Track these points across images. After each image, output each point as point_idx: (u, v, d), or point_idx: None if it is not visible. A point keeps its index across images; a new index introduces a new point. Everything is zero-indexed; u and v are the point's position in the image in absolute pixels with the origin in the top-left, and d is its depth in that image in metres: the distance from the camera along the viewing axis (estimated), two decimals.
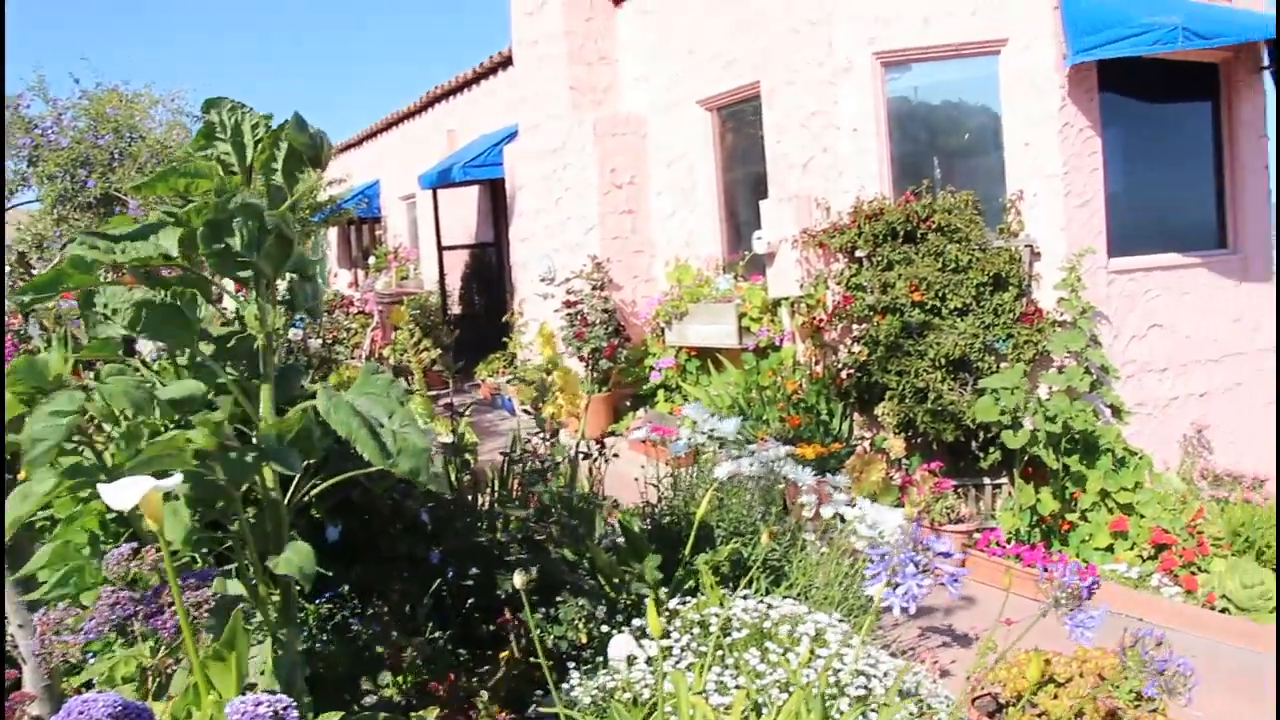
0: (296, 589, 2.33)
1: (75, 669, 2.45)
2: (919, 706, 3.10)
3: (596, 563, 3.68)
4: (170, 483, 1.87)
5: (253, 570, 2.26)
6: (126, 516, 2.19)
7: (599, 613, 3.40)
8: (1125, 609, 5.11)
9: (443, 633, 3.25)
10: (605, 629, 3.34)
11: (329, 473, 2.41)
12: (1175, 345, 7.52)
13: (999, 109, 7.17)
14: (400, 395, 2.31)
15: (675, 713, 2.52)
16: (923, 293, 6.63)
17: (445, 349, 11.42)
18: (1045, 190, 6.95)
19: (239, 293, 2.48)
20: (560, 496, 3.94)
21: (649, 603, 2.42)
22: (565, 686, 3.01)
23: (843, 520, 4.07)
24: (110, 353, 2.21)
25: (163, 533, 1.89)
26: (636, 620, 3.37)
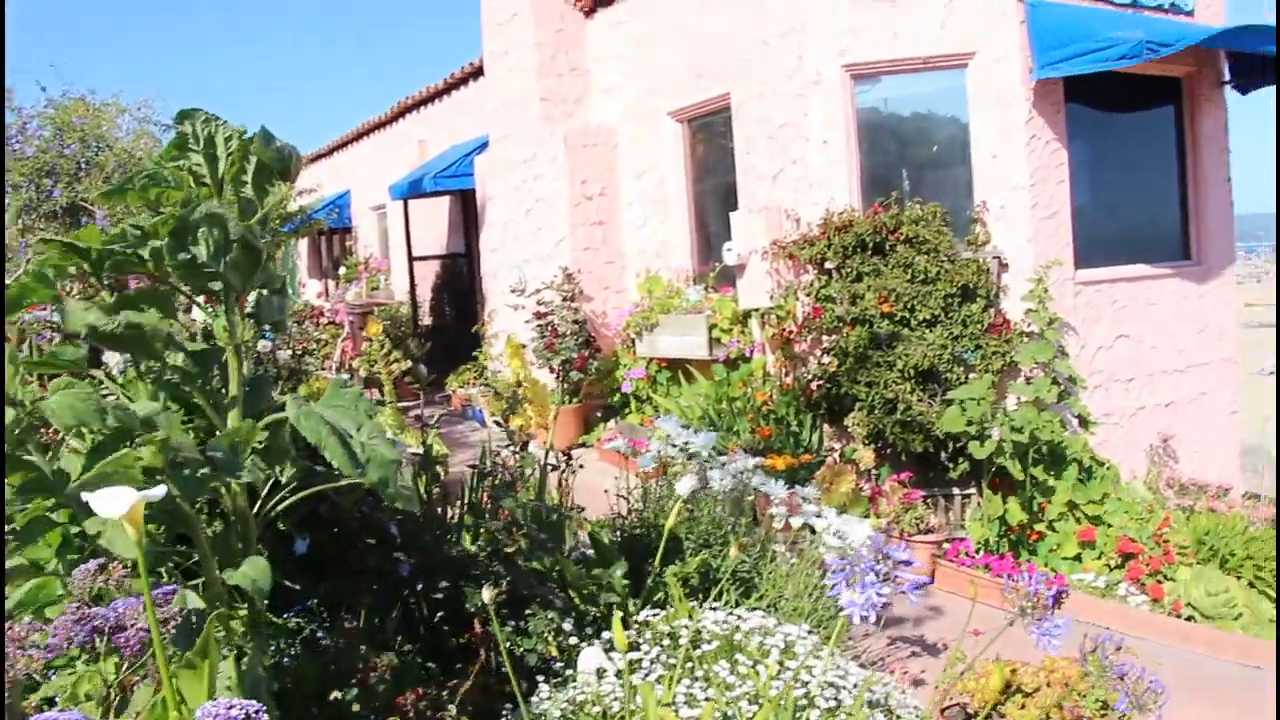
0: (264, 603, 2.31)
1: (34, 686, 2.41)
2: (888, 717, 3.10)
3: (566, 575, 3.67)
4: (155, 493, 1.84)
5: (216, 584, 2.24)
6: (85, 532, 2.16)
7: (568, 625, 3.39)
8: (1093, 618, 5.14)
9: (412, 646, 3.23)
10: (575, 641, 3.33)
11: (299, 486, 2.40)
12: (1141, 355, 7.60)
13: (967, 121, 7.22)
14: (369, 408, 2.30)
15: None
16: (892, 304, 6.67)
17: (416, 360, 11.38)
18: (1013, 202, 7.00)
19: (208, 305, 2.46)
20: (530, 509, 3.92)
21: (615, 617, 2.42)
22: (535, 700, 2.99)
23: (813, 531, 4.07)
24: (70, 365, 2.18)
25: (140, 545, 1.87)
26: (606, 633, 3.35)
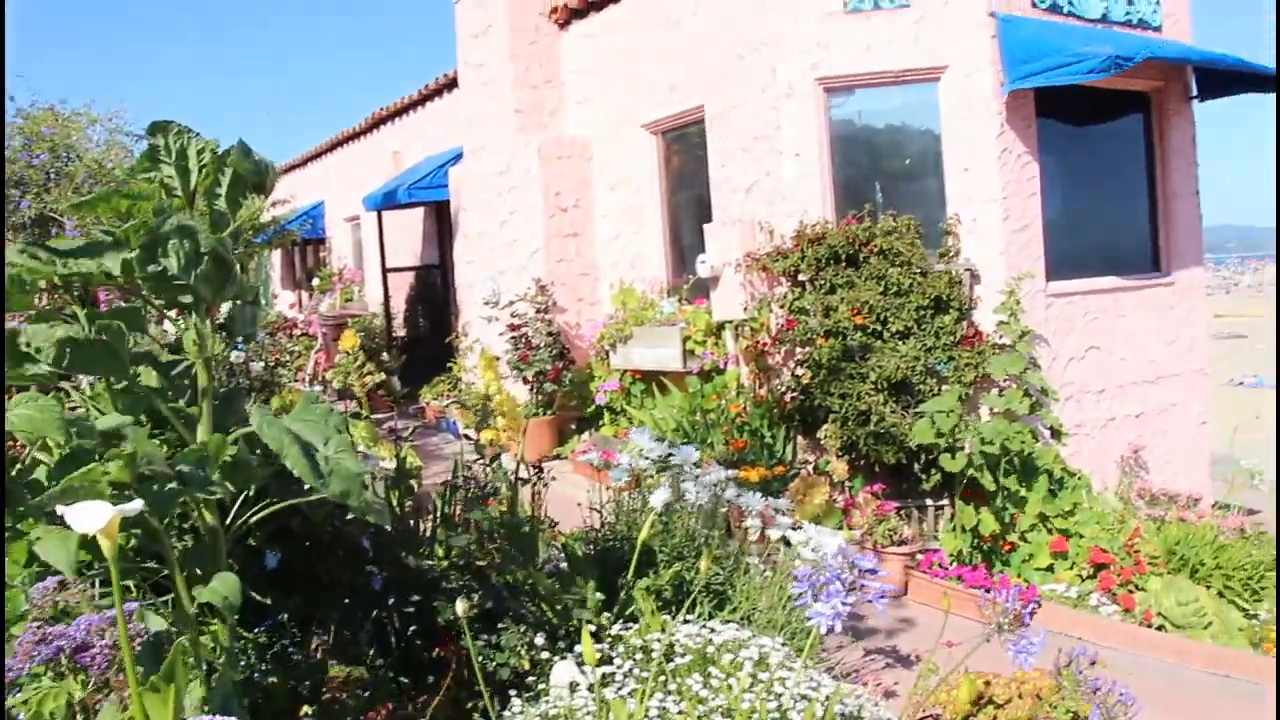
0: (235, 618, 2.29)
1: None
2: None
3: (538, 588, 3.66)
4: (132, 507, 1.82)
5: (185, 600, 2.22)
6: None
7: (540, 639, 3.37)
8: (1065, 628, 5.17)
9: (384, 660, 3.21)
10: (548, 655, 3.32)
11: (271, 501, 2.38)
12: (1112, 367, 7.66)
13: (940, 134, 7.27)
14: (339, 423, 2.29)
15: None
16: (865, 316, 6.69)
17: (389, 372, 11.34)
18: (985, 215, 7.05)
19: (179, 317, 2.44)
20: (502, 522, 3.90)
21: (585, 632, 2.41)
22: (507, 714, 2.97)
23: (786, 544, 4.07)
24: (39, 379, 2.16)
25: (114, 560, 1.85)
26: (580, 646, 3.34)
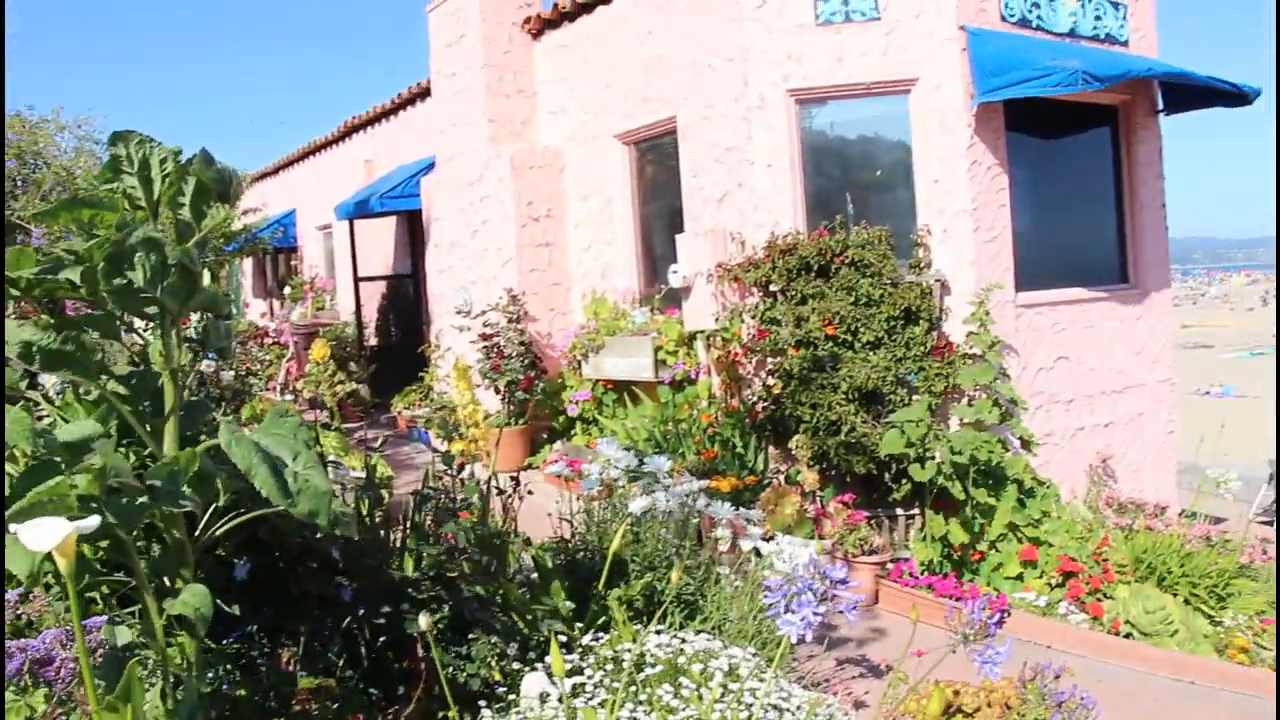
0: (205, 628, 2.28)
1: None
2: None
3: (509, 599, 3.65)
4: (89, 523, 1.81)
5: (152, 612, 2.20)
6: None
7: (511, 650, 3.37)
8: (1034, 637, 5.20)
9: (354, 671, 3.19)
10: (518, 666, 3.31)
11: (240, 511, 2.37)
12: (1081, 377, 7.73)
13: (910, 146, 7.31)
14: (307, 438, 2.28)
15: None
16: (835, 326, 6.72)
17: (360, 382, 11.29)
18: (955, 226, 7.10)
19: (149, 327, 2.43)
20: (473, 532, 3.90)
21: (554, 643, 2.41)
22: None
23: (758, 554, 4.09)
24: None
25: (71, 578, 1.83)
26: (550, 657, 3.34)
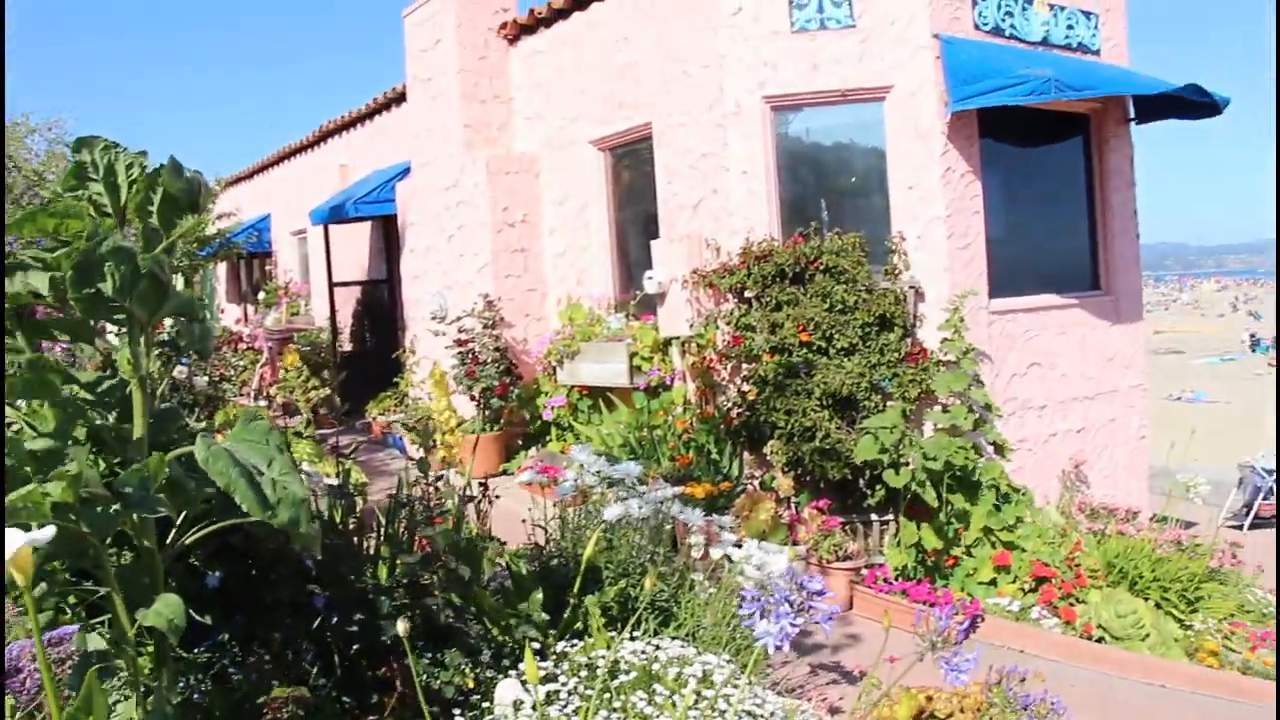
0: (177, 637, 2.26)
1: None
2: None
3: (483, 606, 3.64)
4: (44, 535, 1.80)
5: (123, 622, 2.18)
6: None
7: (485, 657, 3.36)
8: (1007, 642, 5.23)
9: (328, 679, 3.17)
10: (492, 673, 3.30)
11: (213, 517, 2.34)
12: (1054, 383, 7.77)
13: (885, 153, 7.34)
14: (279, 442, 2.26)
15: None
16: (810, 333, 6.73)
17: (333, 389, 11.24)
18: (929, 233, 7.13)
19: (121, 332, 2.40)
20: (447, 539, 3.88)
21: (527, 650, 2.40)
22: None
23: (730, 560, 4.08)
24: None
25: (29, 589, 1.81)
26: (524, 664, 3.33)
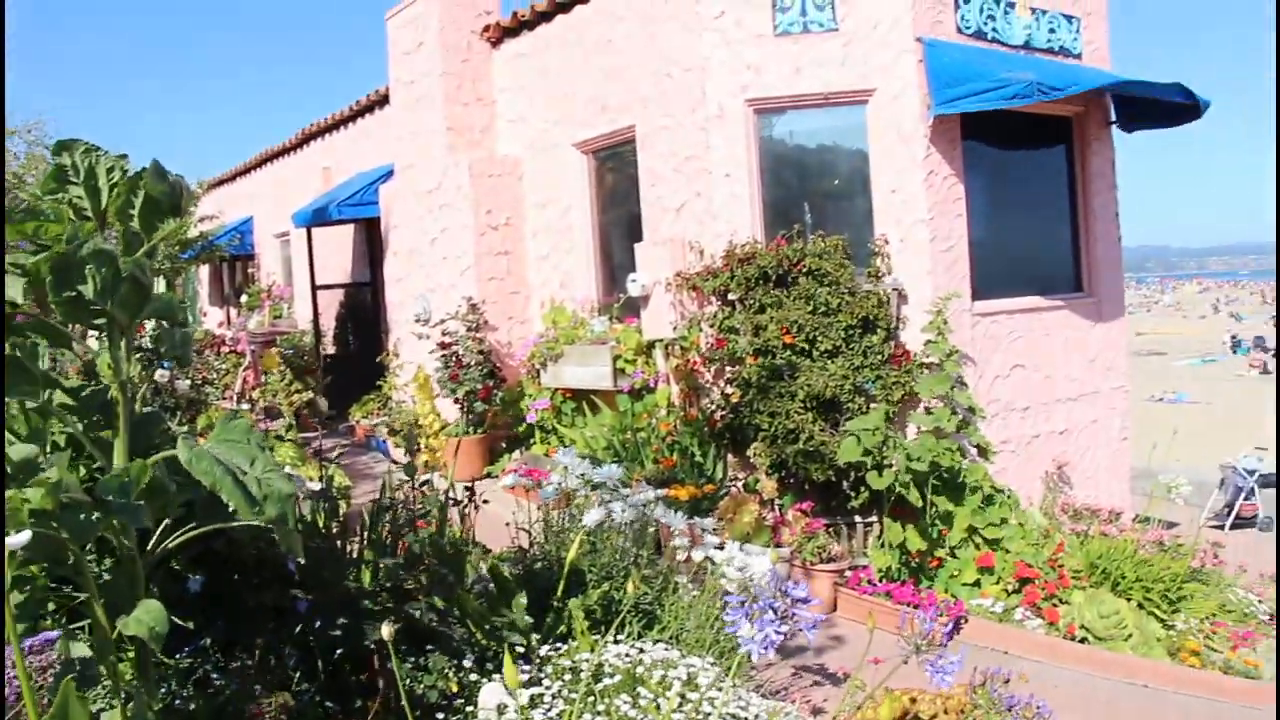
0: (160, 644, 2.24)
1: None
2: None
3: (467, 610, 3.63)
4: (19, 540, 1.79)
5: (103, 628, 2.16)
6: None
7: (469, 661, 3.35)
8: (991, 643, 5.24)
9: (311, 684, 3.16)
10: (476, 677, 3.29)
11: (196, 522, 2.33)
12: (1037, 385, 7.80)
13: (868, 156, 7.35)
14: (260, 440, 2.25)
15: None
16: (793, 335, 6.74)
17: (316, 392, 11.19)
18: (912, 235, 7.14)
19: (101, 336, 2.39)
20: (430, 543, 3.87)
21: (507, 656, 2.40)
22: None
23: (713, 563, 4.09)
24: None
25: (6, 594, 1.80)
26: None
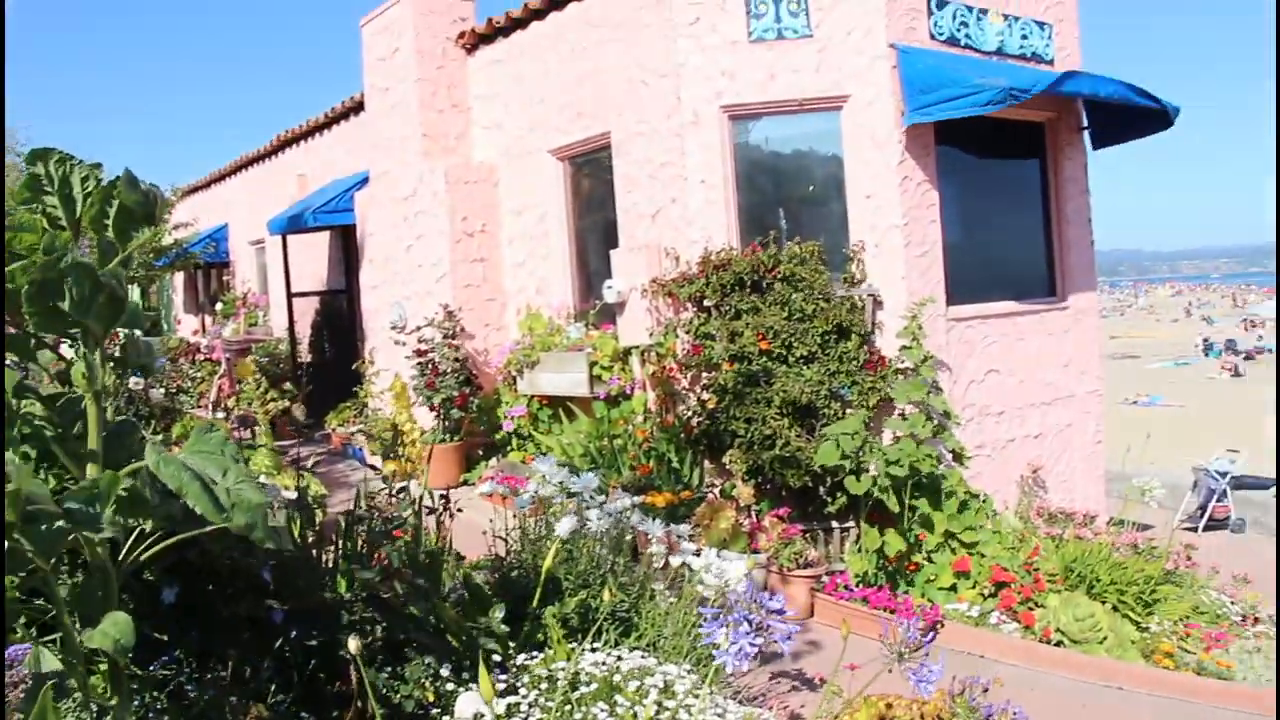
0: (129, 658, 2.22)
1: None
2: None
3: (443, 619, 3.62)
4: None
5: (74, 639, 2.14)
6: None
7: (445, 670, 3.34)
8: (967, 647, 5.26)
9: (286, 695, 3.14)
10: (452, 686, 3.28)
11: (171, 533, 2.31)
12: (1011, 389, 7.84)
13: (843, 162, 7.37)
14: (234, 453, 2.24)
15: None
16: (769, 341, 6.75)
17: (292, 400, 11.14)
18: (886, 241, 7.17)
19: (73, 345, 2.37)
20: (406, 552, 3.86)
21: (481, 667, 2.39)
22: None
23: (690, 569, 4.09)
24: None
25: None
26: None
